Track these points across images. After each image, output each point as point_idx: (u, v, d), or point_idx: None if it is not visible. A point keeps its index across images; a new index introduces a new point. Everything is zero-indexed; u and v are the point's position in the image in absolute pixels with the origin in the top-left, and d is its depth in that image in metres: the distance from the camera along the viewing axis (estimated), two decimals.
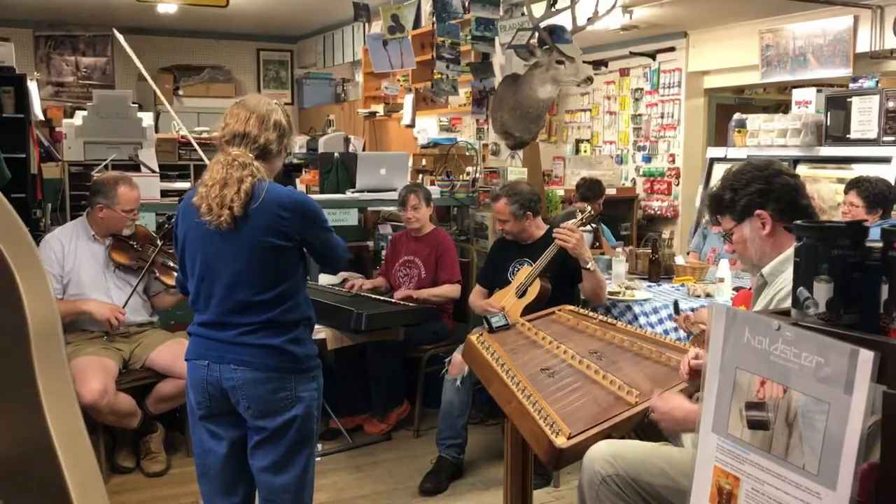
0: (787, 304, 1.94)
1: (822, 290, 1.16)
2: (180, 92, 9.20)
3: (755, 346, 1.17)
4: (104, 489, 0.86)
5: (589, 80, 4.51)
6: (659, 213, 7.25)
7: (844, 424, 1.07)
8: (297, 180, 5.68)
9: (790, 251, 2.05)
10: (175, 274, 3.81)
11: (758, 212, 2.09)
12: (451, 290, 4.27)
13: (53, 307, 0.85)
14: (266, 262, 2.23)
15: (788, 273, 2.02)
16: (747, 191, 2.10)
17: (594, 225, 4.56)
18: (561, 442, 2.23)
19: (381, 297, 4.27)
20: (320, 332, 3.77)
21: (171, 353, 3.68)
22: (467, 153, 6.05)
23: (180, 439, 3.98)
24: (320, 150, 6.03)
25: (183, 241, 2.35)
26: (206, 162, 3.94)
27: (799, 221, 1.21)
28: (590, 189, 5.41)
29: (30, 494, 0.83)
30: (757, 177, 2.11)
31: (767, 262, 2.10)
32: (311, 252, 2.35)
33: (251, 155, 2.25)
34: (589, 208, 3.75)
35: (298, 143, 6.70)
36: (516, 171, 4.76)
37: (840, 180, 4.92)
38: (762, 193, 2.09)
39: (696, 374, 2.22)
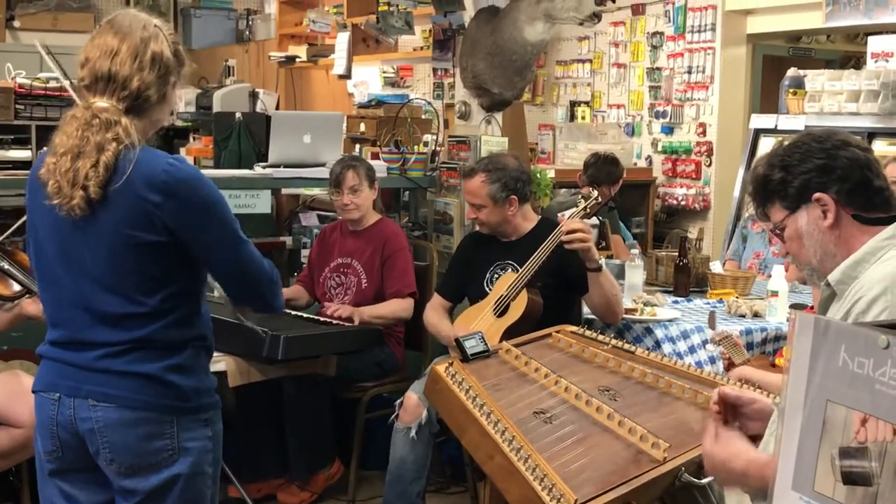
0: (868, 319, 1.98)
1: None
2: (16, 24, 9.07)
3: (854, 371, 1.19)
4: None
5: (595, 17, 4.56)
6: (684, 203, 7.33)
7: None
8: (182, 150, 5.63)
9: (864, 250, 2.08)
10: (13, 283, 3.72)
11: (817, 195, 2.12)
12: (400, 306, 4.27)
13: None
14: (136, 263, 2.22)
15: (865, 279, 2.05)
16: (803, 167, 2.14)
17: (601, 218, 4.60)
18: None
19: (304, 314, 4.24)
20: (219, 361, 3.73)
21: (3, 390, 3.61)
22: (424, 116, 6.05)
23: None
24: (215, 108, 6.02)
25: (34, 230, 2.33)
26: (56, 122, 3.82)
27: None
28: (601, 169, 5.38)
29: None
30: (815, 149, 2.15)
31: (832, 265, 2.13)
32: (206, 265, 2.31)
33: (120, 107, 2.22)
34: (595, 194, 3.77)
35: (184, 99, 6.64)
36: (493, 140, 4.78)
37: None
38: (823, 170, 2.12)
39: (730, 412, 2.25)
